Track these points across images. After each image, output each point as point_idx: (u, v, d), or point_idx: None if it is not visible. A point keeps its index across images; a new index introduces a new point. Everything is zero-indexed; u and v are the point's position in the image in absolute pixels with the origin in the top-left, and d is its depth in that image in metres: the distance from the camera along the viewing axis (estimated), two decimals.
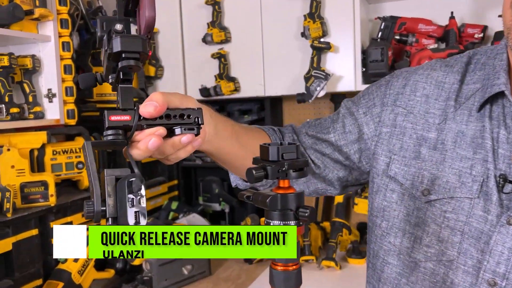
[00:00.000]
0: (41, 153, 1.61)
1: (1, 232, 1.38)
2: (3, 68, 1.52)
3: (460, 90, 0.73)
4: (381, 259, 0.78)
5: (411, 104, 0.76)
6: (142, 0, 0.54)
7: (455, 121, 0.72)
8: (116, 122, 0.53)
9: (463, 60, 0.77)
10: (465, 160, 0.69)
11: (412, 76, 0.79)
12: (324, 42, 1.81)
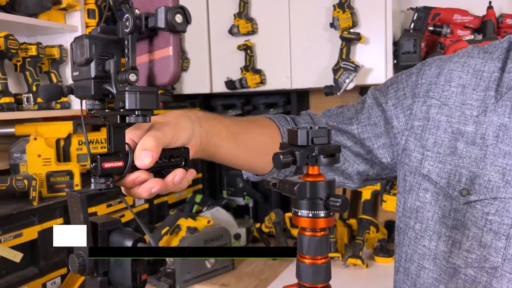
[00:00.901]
0: (67, 143, 1.62)
1: (27, 221, 1.39)
2: (31, 58, 1.53)
3: (501, 79, 0.67)
4: (416, 263, 0.72)
5: (445, 95, 0.70)
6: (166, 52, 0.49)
7: (496, 113, 0.65)
8: (109, 170, 0.50)
9: (503, 46, 0.69)
10: (510, 157, 0.63)
11: (446, 64, 0.72)
12: (354, 33, 1.75)
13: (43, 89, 0.53)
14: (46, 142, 1.52)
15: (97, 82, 0.49)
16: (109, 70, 0.48)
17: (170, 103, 2.13)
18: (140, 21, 0.48)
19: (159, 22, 0.47)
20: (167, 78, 0.50)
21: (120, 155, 0.51)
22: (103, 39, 0.49)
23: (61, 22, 1.64)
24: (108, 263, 0.51)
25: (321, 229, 0.48)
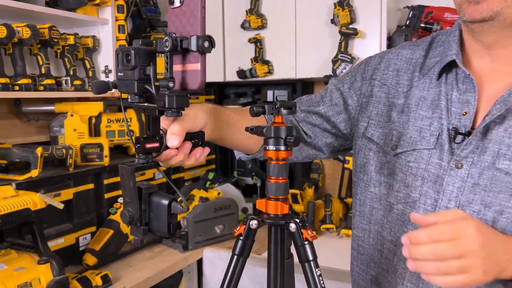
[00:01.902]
0: (97, 121, 1.87)
1: (65, 183, 1.64)
2: (69, 46, 1.79)
3: (424, 63, 0.89)
4: (368, 205, 0.94)
5: (385, 78, 0.92)
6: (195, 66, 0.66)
7: (418, 88, 0.87)
8: (149, 149, 0.68)
9: (427, 40, 0.92)
10: (425, 119, 0.84)
11: (386, 55, 0.95)
12: (351, 28, 1.95)
13: (94, 85, 0.71)
14: (80, 118, 1.77)
15: (139, 83, 0.66)
16: (148, 74, 0.65)
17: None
18: (177, 42, 0.64)
19: (192, 46, 0.64)
20: (196, 86, 0.67)
21: (156, 138, 0.69)
22: (144, 50, 0.64)
23: (94, 15, 1.89)
24: (149, 216, 0.68)
25: (282, 159, 0.70)
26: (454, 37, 0.85)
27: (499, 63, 0.80)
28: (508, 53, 0.79)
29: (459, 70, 0.82)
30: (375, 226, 0.93)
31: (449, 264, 0.62)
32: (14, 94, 1.60)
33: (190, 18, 0.64)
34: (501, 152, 0.75)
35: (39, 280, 1.27)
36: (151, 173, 1.99)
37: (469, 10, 0.74)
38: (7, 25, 1.51)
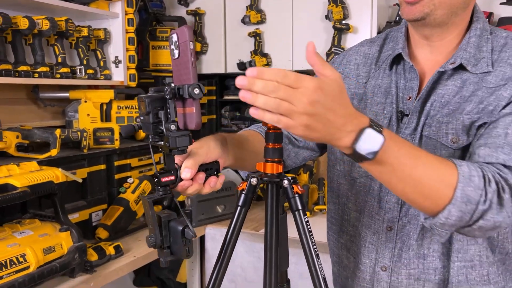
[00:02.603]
0: (108, 107, 2.02)
1: (79, 163, 1.79)
2: (83, 38, 1.93)
3: (379, 57, 1.02)
4: (335, 182, 1.07)
5: (347, 71, 1.06)
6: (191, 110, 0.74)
7: (374, 78, 1.01)
8: (165, 182, 0.78)
9: (382, 37, 1.06)
10: (380, 104, 0.98)
11: (348, 52, 1.10)
12: (344, 24, 2.10)
13: (123, 128, 0.87)
14: (93, 105, 1.92)
15: (154, 125, 0.76)
16: (160, 117, 0.75)
17: None
18: (175, 91, 0.73)
19: (185, 94, 0.73)
20: (193, 126, 0.75)
21: (172, 172, 0.78)
22: (155, 97, 0.75)
23: (105, 9, 2.03)
24: (169, 241, 0.79)
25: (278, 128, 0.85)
26: (401, 33, 0.99)
27: (436, 54, 0.94)
28: (443, 45, 0.93)
29: (406, 62, 0.96)
30: (342, 199, 1.06)
31: (276, 102, 0.63)
32: (34, 81, 1.74)
33: (185, 69, 0.73)
34: (426, 122, 0.90)
35: (61, 245, 1.43)
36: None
37: (406, 10, 0.88)
38: (29, 18, 1.66)
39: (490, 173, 0.76)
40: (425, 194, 0.76)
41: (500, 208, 0.75)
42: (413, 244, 0.94)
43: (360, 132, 0.69)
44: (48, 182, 1.40)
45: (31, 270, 1.31)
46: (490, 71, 0.88)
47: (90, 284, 1.48)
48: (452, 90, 0.90)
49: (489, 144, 0.81)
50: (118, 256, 1.66)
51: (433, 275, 0.93)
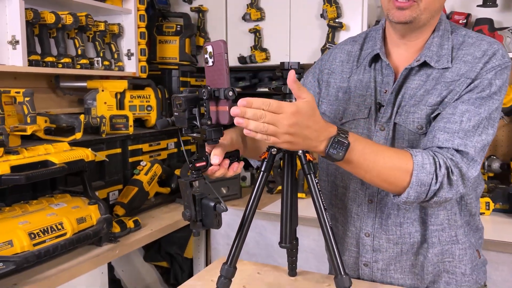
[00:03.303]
0: (122, 96, 2.19)
1: (98, 146, 1.96)
2: (100, 32, 2.10)
3: (360, 55, 1.19)
4: (325, 162, 1.25)
5: (333, 68, 1.23)
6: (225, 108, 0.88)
7: (356, 73, 1.18)
8: (199, 167, 0.93)
9: (363, 36, 1.21)
10: (361, 97, 1.15)
11: (333, 50, 1.26)
12: (337, 22, 2.31)
13: (160, 122, 1.01)
14: (109, 94, 2.09)
15: (188, 120, 0.88)
16: (195, 113, 0.88)
17: (194, 73, 2.69)
18: (212, 93, 0.87)
19: (221, 95, 0.86)
20: (226, 122, 0.88)
21: (203, 158, 0.93)
22: (190, 97, 0.88)
23: (119, 6, 2.20)
24: (201, 215, 0.94)
25: None
26: (379, 34, 1.14)
27: (409, 51, 1.12)
28: (416, 44, 1.10)
29: (383, 60, 1.14)
30: (331, 177, 1.24)
31: (264, 126, 0.81)
32: (58, 71, 1.91)
33: (219, 75, 0.87)
34: (400, 110, 1.08)
35: (90, 216, 1.61)
36: None
37: (396, 14, 1.04)
38: (55, 13, 1.83)
39: (441, 160, 0.95)
40: (388, 181, 0.96)
41: (450, 187, 0.96)
42: (390, 214, 1.13)
43: (329, 141, 0.89)
44: (80, 160, 1.58)
45: (68, 236, 1.49)
46: (449, 67, 1.06)
47: (116, 251, 1.66)
48: (418, 84, 1.08)
49: (447, 129, 0.99)
50: (137, 229, 1.85)
51: (408, 239, 1.12)
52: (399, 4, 1.03)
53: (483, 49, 1.05)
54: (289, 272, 1.25)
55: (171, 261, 2.42)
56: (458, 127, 0.99)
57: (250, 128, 0.82)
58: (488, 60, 1.03)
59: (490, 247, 1.72)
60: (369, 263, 1.17)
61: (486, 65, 1.03)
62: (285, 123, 0.82)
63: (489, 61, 1.03)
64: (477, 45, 1.06)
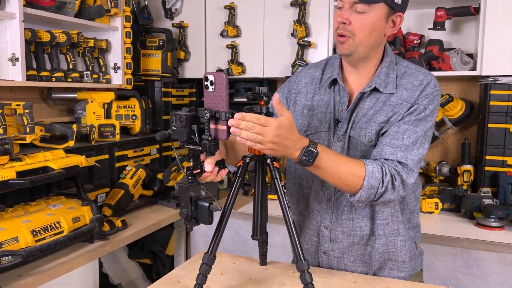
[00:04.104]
0: (109, 106, 2.38)
1: (88, 152, 2.15)
2: (89, 48, 2.29)
3: (322, 78, 1.43)
4: (293, 167, 1.48)
5: (299, 88, 1.46)
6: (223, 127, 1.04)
7: (319, 94, 1.41)
8: (194, 174, 1.10)
9: (323, 62, 1.44)
10: (322, 113, 1.38)
11: (300, 73, 1.46)
12: (306, 41, 2.56)
13: (158, 135, 1.14)
14: (98, 104, 2.28)
15: (187, 134, 1.05)
16: (193, 129, 1.06)
17: (176, 84, 2.90)
18: (213, 114, 1.03)
19: (222, 117, 1.02)
20: (224, 138, 1.05)
21: (198, 166, 1.10)
22: (190, 115, 1.06)
23: (107, 24, 2.39)
24: (196, 213, 1.14)
25: None
26: (337, 62, 1.37)
27: (361, 78, 1.36)
28: (365, 72, 1.35)
29: (340, 84, 1.38)
30: (297, 180, 1.47)
31: (254, 135, 1.02)
32: (52, 84, 2.09)
33: (220, 100, 1.05)
34: (354, 126, 1.32)
35: (84, 216, 1.80)
36: None
37: (339, 47, 1.29)
38: (50, 32, 2.01)
39: (387, 168, 1.19)
40: (346, 183, 1.19)
41: (393, 190, 1.20)
42: (345, 210, 1.36)
43: (303, 150, 1.11)
44: (75, 166, 1.77)
45: (65, 233, 1.68)
46: (394, 92, 1.31)
47: (106, 247, 1.86)
48: (369, 105, 1.33)
49: (392, 145, 1.23)
50: (124, 228, 2.04)
51: (358, 231, 1.36)
52: (339, 39, 1.27)
53: (420, 79, 1.31)
54: (261, 262, 1.47)
55: (153, 258, 2.62)
56: (401, 143, 1.24)
57: (242, 137, 1.03)
58: (423, 89, 1.29)
59: (437, 241, 1.99)
60: (327, 251, 1.40)
61: (422, 92, 1.28)
62: (270, 134, 1.04)
63: (424, 89, 1.29)
64: (416, 76, 1.32)
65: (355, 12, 1.24)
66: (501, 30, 2.22)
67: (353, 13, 1.24)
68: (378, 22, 1.25)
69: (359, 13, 1.24)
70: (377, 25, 1.25)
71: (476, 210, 2.19)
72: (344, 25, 1.25)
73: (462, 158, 2.49)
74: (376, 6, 1.23)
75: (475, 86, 2.58)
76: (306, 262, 1.17)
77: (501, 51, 2.23)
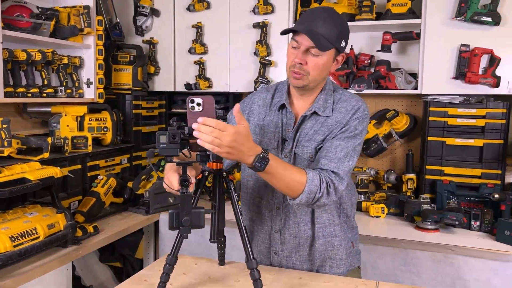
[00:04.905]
0: (82, 119, 2.53)
1: (62, 163, 2.30)
2: (63, 64, 2.44)
3: (272, 102, 1.63)
4: (245, 179, 1.67)
5: (252, 109, 1.65)
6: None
7: (269, 115, 1.61)
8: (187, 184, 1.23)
9: (273, 87, 1.63)
10: (272, 133, 1.58)
11: (253, 96, 1.65)
12: (267, 60, 2.79)
13: (148, 153, 1.36)
14: (71, 117, 2.43)
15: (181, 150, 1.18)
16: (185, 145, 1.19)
17: (146, 97, 3.07)
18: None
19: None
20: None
21: (189, 179, 1.22)
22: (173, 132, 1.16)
23: (80, 42, 2.55)
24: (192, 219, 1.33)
25: None
26: (285, 88, 1.57)
27: (306, 103, 1.57)
28: (309, 99, 1.55)
29: (287, 108, 1.59)
30: (250, 190, 1.67)
31: (212, 139, 1.15)
32: (27, 100, 2.24)
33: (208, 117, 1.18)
34: (298, 144, 1.53)
35: (59, 223, 1.95)
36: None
37: (294, 81, 1.49)
38: (26, 51, 2.16)
39: (324, 177, 1.38)
40: (290, 188, 1.36)
41: (328, 196, 1.38)
42: (291, 216, 1.57)
43: (256, 156, 1.26)
44: (51, 177, 1.93)
45: (41, 239, 1.83)
46: (330, 115, 1.54)
47: (79, 252, 2.02)
48: (310, 126, 1.55)
49: (327, 157, 1.43)
50: (96, 234, 2.20)
51: (303, 234, 1.58)
52: (294, 75, 1.48)
53: (352, 104, 1.54)
54: (219, 262, 1.67)
55: (123, 262, 2.77)
56: (334, 155, 1.46)
57: (202, 139, 1.16)
58: (354, 112, 1.52)
59: (379, 242, 2.24)
60: (278, 251, 1.62)
61: (353, 116, 1.51)
62: (227, 139, 1.17)
63: (355, 113, 1.52)
64: (349, 102, 1.54)
65: (310, 54, 1.44)
66: (438, 54, 2.51)
67: (308, 55, 1.44)
68: (328, 63, 1.47)
69: (313, 56, 1.44)
70: (327, 65, 1.47)
71: (416, 214, 2.45)
72: (300, 65, 1.45)
73: (406, 167, 2.76)
74: (328, 51, 1.44)
75: (419, 102, 2.86)
76: (255, 261, 1.37)
77: (439, 72, 2.52)
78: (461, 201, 2.49)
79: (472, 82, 2.42)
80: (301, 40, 1.43)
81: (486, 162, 2.48)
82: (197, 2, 2.94)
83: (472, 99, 2.50)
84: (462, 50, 2.44)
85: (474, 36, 2.43)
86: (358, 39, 2.90)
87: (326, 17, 1.44)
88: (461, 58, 2.44)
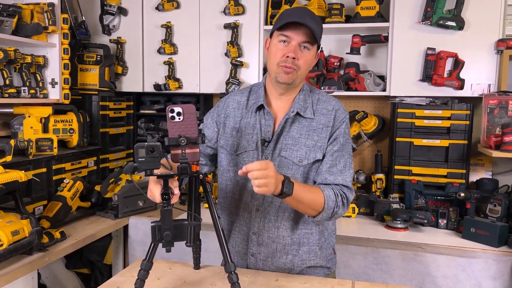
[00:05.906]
0: (47, 121, 2.43)
1: (26, 167, 2.20)
2: (26, 64, 2.34)
3: (247, 103, 1.62)
4: (224, 183, 1.65)
5: (228, 112, 1.63)
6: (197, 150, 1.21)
7: (245, 118, 1.60)
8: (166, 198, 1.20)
9: (248, 89, 1.61)
10: (250, 135, 1.58)
11: (227, 99, 1.63)
12: (239, 61, 2.77)
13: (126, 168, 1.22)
14: (35, 119, 2.33)
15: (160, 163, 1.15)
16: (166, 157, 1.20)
17: (113, 97, 2.99)
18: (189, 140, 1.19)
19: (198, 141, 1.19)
20: (197, 159, 1.22)
21: (171, 191, 1.21)
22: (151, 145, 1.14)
23: (45, 41, 2.45)
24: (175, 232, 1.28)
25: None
26: (261, 89, 1.56)
27: (284, 104, 1.57)
28: (288, 99, 1.56)
29: (265, 109, 1.58)
30: (229, 194, 1.65)
31: (260, 181, 1.24)
32: None
33: (191, 127, 1.19)
34: (282, 147, 1.53)
35: (23, 229, 1.86)
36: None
37: (284, 76, 1.49)
38: None
39: (337, 191, 1.46)
40: (312, 208, 1.44)
41: (343, 207, 1.47)
42: (271, 219, 1.57)
43: (283, 183, 1.32)
44: (15, 181, 1.84)
45: (4, 246, 1.74)
46: (313, 118, 1.54)
47: (45, 259, 1.93)
48: (295, 129, 1.54)
49: (331, 172, 1.50)
50: (63, 239, 2.12)
51: (282, 239, 1.57)
52: (286, 70, 1.47)
53: (332, 104, 1.57)
54: (194, 266, 1.64)
55: (91, 268, 2.68)
56: (336, 169, 1.52)
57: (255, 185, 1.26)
58: (335, 113, 1.55)
59: (351, 242, 2.27)
60: (255, 254, 1.60)
61: (336, 117, 1.54)
62: (272, 175, 1.27)
63: (336, 113, 1.55)
64: (328, 102, 1.57)
65: (301, 49, 1.46)
66: (405, 57, 2.57)
67: (300, 50, 1.46)
68: (313, 59, 1.52)
69: (304, 50, 1.46)
70: (312, 61, 1.52)
71: (386, 213, 2.50)
72: (293, 60, 1.45)
73: (375, 168, 2.81)
74: (314, 45, 1.48)
75: (387, 104, 2.93)
76: (233, 264, 1.35)
77: (406, 74, 2.58)
78: (428, 200, 2.56)
79: (438, 84, 2.50)
80: (292, 35, 1.45)
81: (452, 162, 2.57)
82: (166, 1, 2.89)
83: (438, 101, 2.58)
84: (428, 53, 2.52)
85: (439, 40, 2.51)
86: (328, 41, 2.93)
87: (312, 14, 1.48)
88: (427, 61, 2.52)
